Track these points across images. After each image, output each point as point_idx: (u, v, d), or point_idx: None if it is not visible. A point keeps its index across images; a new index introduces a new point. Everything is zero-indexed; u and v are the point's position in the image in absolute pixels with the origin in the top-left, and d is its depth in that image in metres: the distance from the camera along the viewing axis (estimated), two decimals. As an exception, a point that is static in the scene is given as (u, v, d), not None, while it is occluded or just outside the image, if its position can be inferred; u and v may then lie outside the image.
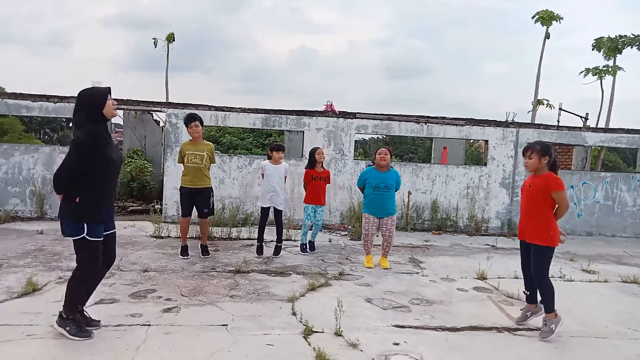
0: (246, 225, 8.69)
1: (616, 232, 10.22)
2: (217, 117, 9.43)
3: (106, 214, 3.62)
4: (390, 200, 6.21)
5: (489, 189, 10.02)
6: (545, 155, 4.03)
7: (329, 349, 3.38)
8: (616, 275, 6.34)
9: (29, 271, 5.11)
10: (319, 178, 6.71)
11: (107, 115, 3.53)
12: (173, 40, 16.71)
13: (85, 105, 3.48)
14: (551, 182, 3.97)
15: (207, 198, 6.18)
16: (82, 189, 3.44)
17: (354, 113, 9.79)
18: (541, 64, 15.79)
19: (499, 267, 6.32)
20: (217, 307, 4.32)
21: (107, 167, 3.53)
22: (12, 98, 9.07)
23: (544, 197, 4.00)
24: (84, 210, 3.43)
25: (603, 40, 14.16)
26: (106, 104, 3.50)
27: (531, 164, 4.08)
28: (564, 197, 3.99)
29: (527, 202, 4.17)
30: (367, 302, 4.71)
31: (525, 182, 4.29)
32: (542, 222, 4.02)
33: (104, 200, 3.57)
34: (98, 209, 3.50)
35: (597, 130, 10.88)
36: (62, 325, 3.53)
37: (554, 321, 3.99)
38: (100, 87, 3.62)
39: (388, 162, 6.23)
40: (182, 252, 6.20)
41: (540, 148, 4.04)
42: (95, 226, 3.48)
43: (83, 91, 3.55)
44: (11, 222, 8.42)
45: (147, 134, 13.52)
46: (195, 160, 6.03)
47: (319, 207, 6.75)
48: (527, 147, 4.13)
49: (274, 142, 7.18)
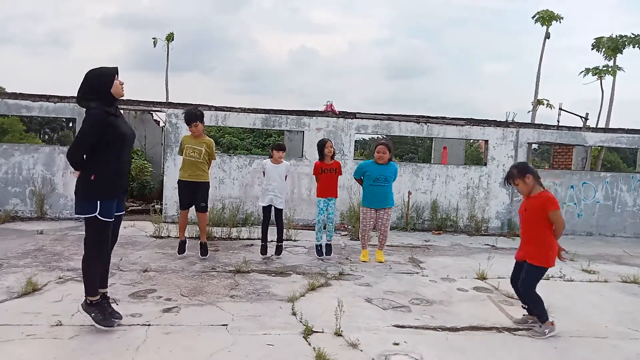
0: (246, 225, 8.69)
1: (616, 232, 10.22)
2: (217, 117, 9.42)
3: (121, 192, 3.71)
4: (389, 192, 6.40)
5: (489, 189, 10.02)
6: (527, 174, 4.06)
7: (329, 349, 3.37)
8: (616, 275, 6.34)
9: (29, 271, 5.11)
10: (328, 170, 6.54)
11: (116, 94, 3.62)
12: (173, 40, 16.71)
13: (93, 85, 3.55)
14: (546, 201, 3.99)
15: (204, 192, 6.20)
16: (98, 166, 3.52)
17: (354, 113, 9.79)
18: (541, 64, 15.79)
19: (499, 267, 6.31)
20: (217, 307, 4.32)
21: (121, 141, 3.61)
22: (12, 98, 9.07)
23: (540, 218, 4.02)
24: (98, 187, 3.51)
25: (603, 40, 14.15)
26: (114, 84, 3.59)
27: (520, 188, 4.15)
28: (560, 215, 4.02)
29: (525, 226, 4.19)
30: (367, 302, 4.71)
31: (521, 205, 4.30)
32: (542, 244, 4.05)
33: (119, 175, 3.66)
34: (113, 185, 3.59)
35: (597, 130, 10.89)
36: (87, 310, 3.63)
37: (549, 327, 4.03)
38: (107, 67, 3.65)
39: (387, 158, 6.35)
40: (180, 249, 6.23)
41: (518, 171, 4.11)
42: (108, 204, 3.55)
43: (91, 71, 3.61)
44: (11, 222, 8.41)
45: (147, 134, 13.53)
46: (193, 154, 6.08)
47: (331, 200, 6.55)
48: (507, 177, 4.24)
49: (275, 142, 7.13)
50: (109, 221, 3.60)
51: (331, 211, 6.58)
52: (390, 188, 6.43)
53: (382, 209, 6.41)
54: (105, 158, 3.54)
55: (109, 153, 3.55)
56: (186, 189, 6.13)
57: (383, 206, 6.38)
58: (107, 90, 3.57)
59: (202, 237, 6.32)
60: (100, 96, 3.54)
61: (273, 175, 6.41)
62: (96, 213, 3.50)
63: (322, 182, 6.58)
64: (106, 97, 3.57)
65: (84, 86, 3.56)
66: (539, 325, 4.05)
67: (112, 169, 3.58)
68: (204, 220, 6.30)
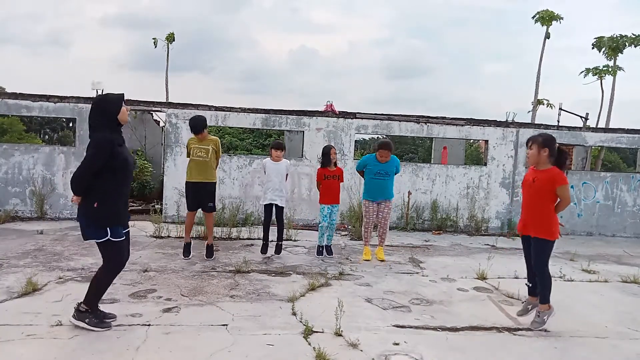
0: (246, 225, 8.69)
1: (616, 232, 10.22)
2: (217, 117, 9.42)
3: (126, 216, 3.82)
4: (389, 184, 6.53)
5: (489, 189, 10.02)
6: (545, 147, 4.05)
7: (329, 349, 3.38)
8: (616, 275, 6.34)
9: (29, 271, 5.10)
10: (331, 177, 6.60)
11: (121, 120, 3.71)
12: (173, 40, 16.72)
13: (101, 111, 3.63)
14: (556, 176, 4.00)
15: (211, 192, 6.19)
16: (100, 193, 3.57)
17: (354, 113, 9.79)
18: (541, 64, 15.82)
19: (499, 267, 6.32)
20: (217, 307, 4.32)
21: (124, 169, 3.68)
22: (12, 98, 9.07)
23: (547, 192, 4.04)
24: (105, 215, 3.58)
25: (603, 40, 14.16)
26: (121, 110, 3.67)
27: (531, 154, 4.15)
28: (568, 191, 4.03)
29: (530, 198, 4.18)
30: (367, 302, 4.71)
31: (526, 176, 4.30)
32: (545, 217, 4.07)
33: (122, 202, 3.73)
34: (117, 212, 3.66)
35: (597, 130, 10.89)
36: (80, 318, 3.64)
37: (546, 312, 4.07)
38: (115, 94, 3.76)
39: (388, 160, 6.49)
40: (185, 251, 6.16)
41: (542, 140, 4.09)
42: (117, 228, 3.64)
43: (99, 97, 3.78)
44: (11, 222, 8.41)
45: (147, 134, 13.53)
46: (201, 154, 6.07)
47: (334, 207, 6.65)
48: (530, 139, 4.22)
49: (274, 140, 7.14)
50: (122, 240, 3.70)
51: (334, 217, 6.69)
52: (391, 181, 6.55)
53: (383, 202, 6.54)
54: (107, 185, 3.59)
55: (112, 180, 3.60)
56: (194, 190, 6.10)
57: (384, 198, 6.51)
58: (114, 118, 3.65)
59: (209, 239, 6.28)
60: (107, 122, 3.62)
61: (273, 173, 6.42)
62: (108, 237, 3.59)
63: (326, 188, 6.61)
64: (112, 123, 3.65)
65: (95, 112, 3.64)
66: (537, 314, 4.07)
67: (114, 196, 3.63)
68: (211, 221, 6.29)
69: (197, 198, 6.13)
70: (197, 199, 6.13)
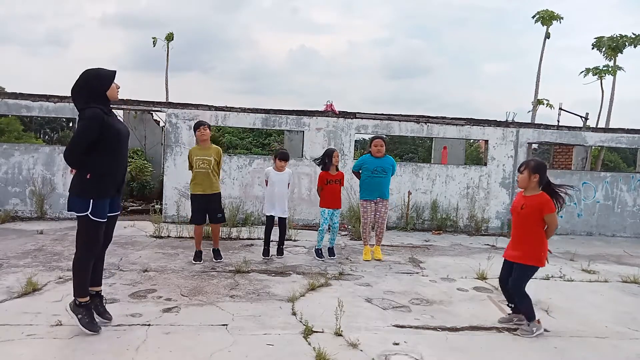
0: (246, 225, 8.69)
1: (616, 232, 10.22)
2: (217, 117, 9.42)
3: (115, 191, 3.71)
4: (386, 183, 6.60)
5: (489, 189, 10.02)
6: (536, 173, 4.04)
7: (329, 349, 3.37)
8: (616, 275, 6.34)
9: (29, 271, 5.10)
10: (333, 181, 6.54)
11: (110, 97, 3.65)
12: (172, 40, 16.69)
13: (90, 85, 3.55)
14: (544, 204, 3.99)
15: (218, 203, 6.10)
16: (94, 165, 3.52)
17: (354, 113, 9.79)
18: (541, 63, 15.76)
19: (499, 267, 6.28)
20: (217, 307, 4.32)
21: (117, 139, 3.62)
22: (12, 98, 9.07)
23: (537, 218, 4.02)
24: (93, 187, 3.51)
25: (603, 40, 14.14)
26: (111, 87, 3.61)
27: (521, 179, 4.12)
28: (555, 219, 4.04)
29: (520, 225, 4.15)
30: (367, 302, 4.71)
31: (515, 202, 4.25)
32: (535, 244, 4.05)
33: (115, 174, 3.66)
34: (108, 184, 3.60)
35: (597, 130, 10.88)
36: (75, 311, 3.61)
37: (536, 326, 4.03)
38: (106, 70, 3.66)
39: (383, 152, 6.60)
40: (196, 257, 6.06)
41: (533, 165, 4.08)
42: (101, 204, 3.55)
43: (90, 71, 3.60)
44: (11, 222, 8.41)
45: (147, 134, 13.53)
46: (203, 165, 5.98)
47: (335, 211, 6.60)
48: (522, 163, 4.21)
49: (279, 150, 7.07)
50: (101, 221, 3.59)
51: (336, 220, 6.65)
52: (387, 180, 6.61)
53: (380, 201, 6.59)
54: (101, 157, 3.54)
55: (105, 152, 3.55)
56: (201, 202, 6.00)
57: (381, 197, 6.57)
58: (104, 93, 3.59)
59: (215, 244, 6.24)
60: (96, 98, 3.55)
61: (277, 183, 6.39)
62: (88, 212, 3.51)
63: (327, 193, 6.54)
64: (101, 99, 3.58)
65: (81, 86, 3.55)
66: (527, 324, 4.05)
67: (108, 169, 3.59)
68: (218, 230, 6.27)
69: (204, 210, 6.04)
70: (204, 211, 6.04)
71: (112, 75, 3.63)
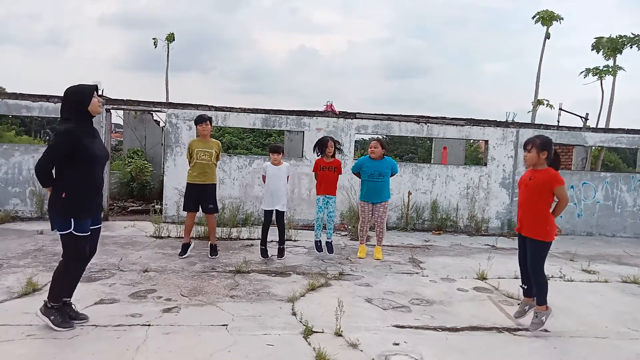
0: (246, 226, 8.69)
1: (616, 232, 10.22)
2: (217, 117, 9.42)
3: (94, 210, 3.73)
4: (385, 186, 6.60)
5: (489, 189, 10.02)
6: (544, 150, 4.07)
7: (329, 349, 3.38)
8: (616, 275, 6.34)
9: (29, 271, 5.10)
10: (327, 168, 6.58)
11: (92, 111, 3.66)
12: (173, 40, 16.68)
13: (72, 102, 3.59)
14: (553, 177, 4.02)
15: (211, 194, 6.23)
16: (68, 185, 3.53)
17: (354, 113, 9.79)
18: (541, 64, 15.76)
19: (499, 267, 6.31)
20: (217, 307, 4.32)
21: (91, 162, 3.62)
22: (12, 98, 9.07)
23: (543, 192, 4.04)
24: (70, 206, 3.53)
25: (603, 41, 14.14)
26: (91, 101, 3.62)
27: (530, 157, 4.14)
28: (565, 192, 4.06)
29: (525, 197, 4.20)
30: (367, 302, 4.71)
31: (523, 175, 4.32)
32: (540, 217, 4.07)
33: (90, 196, 3.67)
34: (84, 205, 3.61)
35: (597, 130, 10.88)
36: (46, 314, 3.63)
37: (544, 313, 4.06)
38: (86, 85, 3.69)
39: (379, 153, 6.58)
40: (182, 250, 6.19)
41: (540, 142, 4.10)
42: (82, 221, 3.58)
43: (70, 88, 3.66)
44: (11, 222, 8.42)
45: (147, 134, 13.52)
46: (205, 157, 6.14)
47: (330, 198, 6.61)
48: (528, 141, 4.20)
49: (272, 143, 7.15)
50: (84, 235, 3.63)
51: (331, 209, 6.66)
52: (385, 183, 6.60)
53: (378, 203, 6.62)
54: (75, 176, 3.55)
55: (78, 171, 3.55)
56: (195, 191, 6.15)
57: (379, 200, 6.60)
58: (85, 108, 3.61)
59: (212, 239, 6.35)
60: (77, 113, 3.58)
61: (274, 177, 6.40)
62: (71, 229, 3.54)
63: (321, 179, 6.65)
64: (82, 114, 3.61)
65: (63, 103, 3.60)
66: (535, 315, 4.07)
67: (83, 188, 3.59)
68: (213, 222, 6.33)
69: (197, 199, 6.17)
70: (196, 200, 6.17)
71: (93, 89, 3.66)
